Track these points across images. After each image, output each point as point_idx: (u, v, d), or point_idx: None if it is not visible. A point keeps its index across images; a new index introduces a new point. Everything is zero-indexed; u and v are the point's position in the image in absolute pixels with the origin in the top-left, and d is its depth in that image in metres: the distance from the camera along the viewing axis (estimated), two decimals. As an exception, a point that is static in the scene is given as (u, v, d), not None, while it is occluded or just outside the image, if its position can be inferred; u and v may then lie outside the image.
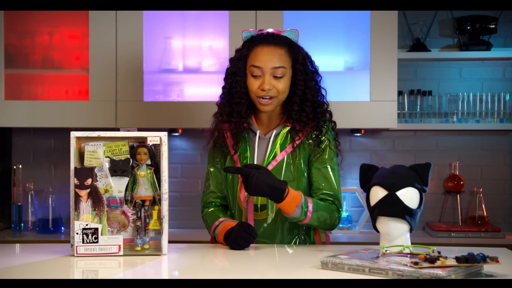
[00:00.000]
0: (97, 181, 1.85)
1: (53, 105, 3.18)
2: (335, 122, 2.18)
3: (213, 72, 3.26)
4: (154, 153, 1.88)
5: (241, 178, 1.95)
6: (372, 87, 3.13)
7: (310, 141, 2.12)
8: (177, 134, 3.45)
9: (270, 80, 2.06)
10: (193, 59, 3.29)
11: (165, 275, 1.71)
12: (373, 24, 3.12)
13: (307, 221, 2.01)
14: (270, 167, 2.09)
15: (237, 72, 2.11)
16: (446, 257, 1.52)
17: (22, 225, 3.32)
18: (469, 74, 3.47)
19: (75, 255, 1.82)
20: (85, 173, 1.83)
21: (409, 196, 1.76)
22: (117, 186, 1.86)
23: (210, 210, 2.18)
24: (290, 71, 2.09)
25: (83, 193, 1.83)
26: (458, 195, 3.42)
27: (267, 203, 2.10)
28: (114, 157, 1.86)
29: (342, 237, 3.26)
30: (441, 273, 1.45)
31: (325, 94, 2.17)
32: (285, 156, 2.11)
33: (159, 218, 1.87)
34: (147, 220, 1.87)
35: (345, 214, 3.39)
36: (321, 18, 3.25)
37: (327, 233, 2.24)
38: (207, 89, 3.29)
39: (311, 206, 1.99)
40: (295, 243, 2.14)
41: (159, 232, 1.87)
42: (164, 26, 3.29)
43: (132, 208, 1.87)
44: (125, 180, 1.86)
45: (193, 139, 3.51)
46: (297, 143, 2.11)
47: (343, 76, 3.28)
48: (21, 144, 3.53)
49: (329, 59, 3.25)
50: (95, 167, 1.85)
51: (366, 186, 1.86)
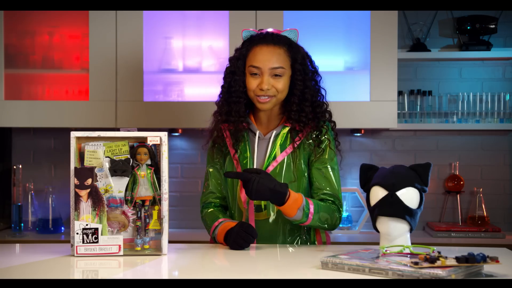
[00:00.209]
0: (97, 181, 1.85)
1: (53, 105, 3.18)
2: (334, 122, 2.18)
3: (213, 72, 3.26)
4: (154, 153, 1.88)
5: (242, 183, 1.95)
6: (372, 87, 3.13)
7: (310, 141, 2.12)
8: (177, 134, 3.45)
9: (268, 80, 2.05)
10: (193, 59, 3.29)
11: (165, 275, 1.71)
12: (373, 24, 3.12)
13: (308, 222, 2.00)
14: (270, 168, 2.09)
15: (236, 71, 2.11)
16: (446, 257, 1.52)
17: (22, 225, 3.32)
18: (469, 74, 3.47)
19: (75, 255, 1.82)
20: (85, 173, 1.83)
21: (409, 196, 1.76)
22: (117, 186, 1.86)
23: (209, 210, 2.18)
24: (289, 71, 2.09)
25: (83, 193, 1.83)
26: (458, 195, 3.42)
27: (267, 204, 2.10)
28: (114, 157, 1.86)
29: (342, 237, 3.26)
30: (441, 273, 1.45)
31: (324, 94, 2.16)
32: (286, 157, 2.10)
33: (159, 218, 1.87)
34: (147, 220, 1.87)
35: (345, 214, 3.39)
36: (321, 18, 3.25)
37: (327, 233, 2.24)
38: (207, 89, 3.29)
39: (312, 207, 1.99)
40: (297, 244, 2.14)
41: (159, 232, 1.87)
42: (164, 26, 3.29)
43: (132, 208, 1.87)
44: (125, 180, 1.86)
45: (193, 139, 3.51)
46: (297, 143, 2.11)
47: (343, 76, 3.28)
48: (21, 144, 3.53)
49: (329, 59, 3.25)
50: (95, 167, 1.85)
51: (366, 186, 1.86)
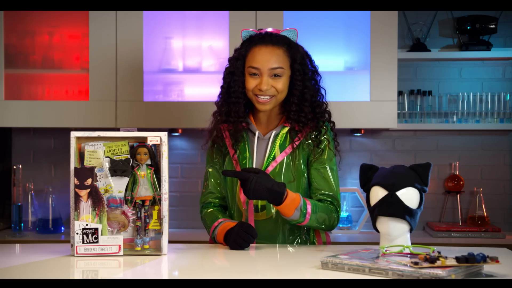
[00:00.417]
0: (97, 181, 1.85)
1: (53, 105, 3.18)
2: (334, 122, 2.18)
3: (213, 72, 3.26)
4: (154, 153, 1.88)
5: (240, 182, 1.95)
6: (372, 87, 3.13)
7: (309, 141, 2.12)
8: (177, 134, 3.45)
9: (268, 80, 2.05)
10: (193, 59, 3.29)
11: (165, 275, 1.71)
12: (373, 24, 3.12)
13: (306, 222, 2.00)
14: (270, 168, 2.09)
15: (235, 72, 2.10)
16: (446, 257, 1.52)
17: (22, 225, 3.32)
18: (469, 74, 3.47)
19: (75, 255, 1.82)
20: (85, 173, 1.83)
21: (409, 196, 1.76)
22: (117, 186, 1.86)
23: (209, 210, 2.18)
24: (288, 71, 2.09)
25: (83, 193, 1.83)
26: (458, 195, 3.42)
27: (266, 204, 2.10)
28: (114, 157, 1.86)
29: (342, 237, 3.26)
30: (441, 273, 1.45)
31: (324, 93, 2.16)
32: (285, 157, 2.10)
33: (159, 218, 1.87)
34: (147, 220, 1.87)
35: (345, 214, 3.39)
36: (321, 18, 3.25)
37: (327, 233, 2.24)
38: (207, 89, 3.29)
39: (309, 207, 1.99)
40: (296, 244, 2.14)
41: (159, 232, 1.87)
42: (164, 26, 3.29)
43: (132, 208, 1.87)
44: (125, 180, 1.86)
45: (193, 139, 3.51)
46: (297, 143, 2.11)
47: (343, 76, 3.28)
48: (21, 144, 3.53)
49: (329, 59, 3.25)
50: (95, 167, 1.85)
51: (366, 186, 1.86)
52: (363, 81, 3.19)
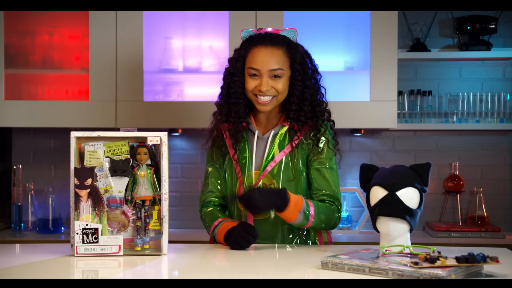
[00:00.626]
0: (97, 181, 1.85)
1: (53, 105, 3.18)
2: (333, 121, 2.18)
3: (213, 72, 3.26)
4: (154, 153, 1.88)
5: (243, 205, 1.95)
6: (372, 87, 3.13)
7: (308, 141, 2.12)
8: (177, 134, 3.45)
9: (267, 81, 2.05)
10: (193, 59, 3.29)
11: (165, 275, 1.71)
12: (373, 24, 3.12)
13: (309, 225, 2.01)
14: (268, 168, 2.09)
15: (235, 72, 2.10)
16: (446, 257, 1.52)
17: (22, 225, 3.32)
18: (469, 74, 3.47)
19: (75, 255, 1.82)
20: (85, 173, 1.83)
21: (409, 196, 1.76)
22: (117, 186, 1.86)
23: (208, 209, 2.18)
24: (288, 71, 2.09)
25: (83, 193, 1.83)
26: (458, 195, 3.42)
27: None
28: (114, 157, 1.86)
29: (342, 237, 3.26)
30: (441, 273, 1.45)
31: (324, 92, 2.16)
32: (284, 156, 2.10)
33: (159, 218, 1.87)
34: (147, 220, 1.87)
35: (345, 214, 3.38)
36: (321, 18, 3.25)
37: (329, 233, 2.24)
38: (207, 89, 3.29)
39: (312, 209, 1.99)
40: (296, 243, 2.14)
41: (159, 232, 1.87)
42: (164, 26, 3.29)
43: (132, 208, 1.87)
44: (125, 180, 1.86)
45: (193, 139, 3.51)
46: (296, 143, 2.11)
47: (343, 76, 3.28)
48: (21, 144, 3.53)
49: (329, 59, 3.25)
50: (95, 167, 1.85)
51: (366, 186, 1.86)
52: (363, 81, 3.19)
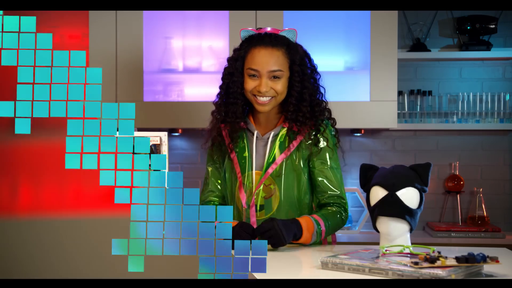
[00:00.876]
0: (97, 181, 1.84)
1: (53, 105, 3.18)
2: (334, 119, 2.17)
3: (213, 72, 3.26)
4: (154, 153, 1.88)
5: (261, 236, 1.88)
6: (372, 87, 3.13)
7: (309, 141, 2.11)
8: (177, 134, 3.45)
9: (267, 82, 2.05)
10: (193, 59, 3.29)
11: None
12: (373, 24, 3.12)
13: (323, 238, 2.05)
14: (270, 170, 2.09)
15: (234, 72, 2.10)
16: (446, 257, 1.52)
17: (22, 225, 3.32)
18: (469, 74, 3.47)
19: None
20: (85, 173, 1.83)
21: (409, 196, 1.76)
22: (117, 186, 1.85)
23: (209, 209, 2.18)
24: (287, 72, 2.08)
25: (83, 193, 1.83)
26: (458, 195, 3.42)
27: (265, 203, 2.10)
28: (114, 157, 1.86)
29: (342, 237, 3.25)
30: (441, 273, 1.45)
31: (324, 92, 2.16)
32: (285, 158, 2.10)
33: (159, 218, 1.87)
34: (147, 220, 1.87)
35: (345, 214, 3.38)
36: (321, 18, 3.25)
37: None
38: (207, 89, 3.29)
39: (322, 224, 2.01)
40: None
41: (159, 232, 1.87)
42: (164, 26, 3.29)
43: (132, 208, 1.87)
44: (125, 180, 1.86)
45: (193, 139, 3.51)
46: (296, 143, 2.11)
47: (343, 76, 3.27)
48: (21, 144, 3.52)
49: (329, 59, 3.25)
50: (95, 167, 1.85)
51: (366, 186, 1.86)
52: (363, 81, 3.19)
